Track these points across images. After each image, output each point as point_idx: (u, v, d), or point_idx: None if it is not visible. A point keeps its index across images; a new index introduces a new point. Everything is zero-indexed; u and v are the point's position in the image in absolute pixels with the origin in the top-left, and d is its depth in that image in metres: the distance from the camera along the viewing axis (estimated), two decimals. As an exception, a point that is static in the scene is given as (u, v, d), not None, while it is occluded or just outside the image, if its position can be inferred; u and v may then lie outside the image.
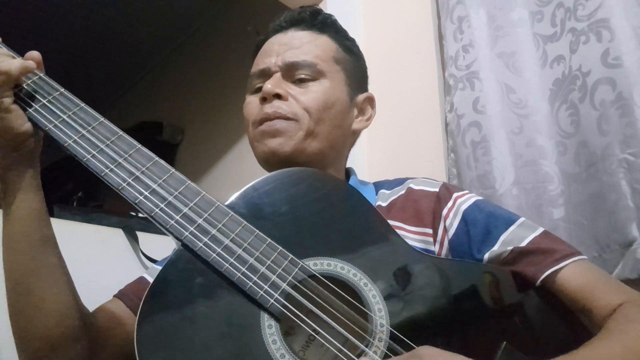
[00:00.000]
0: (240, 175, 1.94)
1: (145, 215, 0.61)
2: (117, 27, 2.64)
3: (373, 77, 0.94)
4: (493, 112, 1.11)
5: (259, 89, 0.81)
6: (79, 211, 1.53)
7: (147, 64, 2.92)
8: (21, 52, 0.69)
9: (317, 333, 0.58)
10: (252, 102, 0.82)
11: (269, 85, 0.78)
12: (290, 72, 0.80)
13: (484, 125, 1.11)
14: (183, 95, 2.59)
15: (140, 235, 1.41)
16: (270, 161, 0.79)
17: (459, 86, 1.19)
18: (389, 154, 1.38)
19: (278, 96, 0.78)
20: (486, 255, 0.69)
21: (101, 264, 1.28)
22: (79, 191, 1.88)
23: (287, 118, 0.77)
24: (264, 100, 0.79)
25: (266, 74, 0.82)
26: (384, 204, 0.80)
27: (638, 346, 0.55)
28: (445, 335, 0.59)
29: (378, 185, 0.85)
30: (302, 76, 0.80)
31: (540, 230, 0.70)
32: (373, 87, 0.93)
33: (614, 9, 0.95)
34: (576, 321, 0.64)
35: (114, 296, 0.81)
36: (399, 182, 0.83)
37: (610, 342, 0.56)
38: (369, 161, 1.40)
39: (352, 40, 0.90)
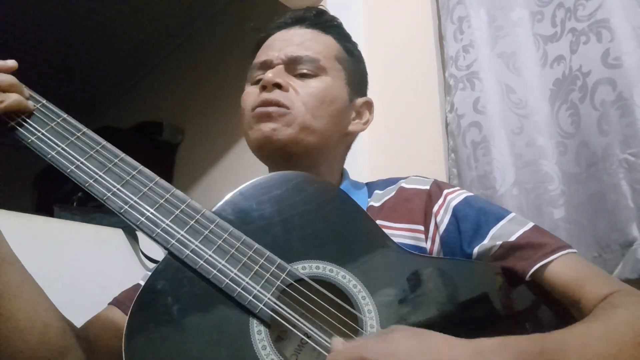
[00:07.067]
0: (240, 175, 1.93)
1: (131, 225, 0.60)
2: (117, 27, 2.64)
3: (374, 77, 0.94)
4: (493, 112, 1.11)
5: (260, 81, 0.81)
6: (79, 211, 1.53)
7: (147, 64, 2.92)
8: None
9: (309, 337, 0.58)
10: (251, 92, 0.82)
11: (269, 74, 0.78)
12: (292, 66, 0.81)
13: (484, 125, 1.11)
14: (183, 95, 2.59)
15: (140, 235, 1.41)
16: (263, 148, 0.78)
17: (459, 86, 1.19)
18: (389, 154, 1.38)
19: (278, 86, 0.78)
20: (476, 250, 0.69)
21: (101, 264, 1.28)
22: (79, 191, 1.88)
23: (284, 106, 0.77)
24: (263, 88, 0.79)
25: (268, 66, 0.82)
26: (377, 205, 0.80)
27: (619, 327, 0.55)
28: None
29: (371, 186, 0.85)
30: (304, 71, 0.80)
31: (530, 225, 0.70)
32: (373, 88, 0.93)
33: (614, 9, 0.95)
34: (569, 317, 0.63)
35: (110, 304, 0.80)
36: (392, 182, 0.83)
37: (592, 324, 0.56)
38: (370, 161, 1.40)
39: (355, 44, 0.91)
